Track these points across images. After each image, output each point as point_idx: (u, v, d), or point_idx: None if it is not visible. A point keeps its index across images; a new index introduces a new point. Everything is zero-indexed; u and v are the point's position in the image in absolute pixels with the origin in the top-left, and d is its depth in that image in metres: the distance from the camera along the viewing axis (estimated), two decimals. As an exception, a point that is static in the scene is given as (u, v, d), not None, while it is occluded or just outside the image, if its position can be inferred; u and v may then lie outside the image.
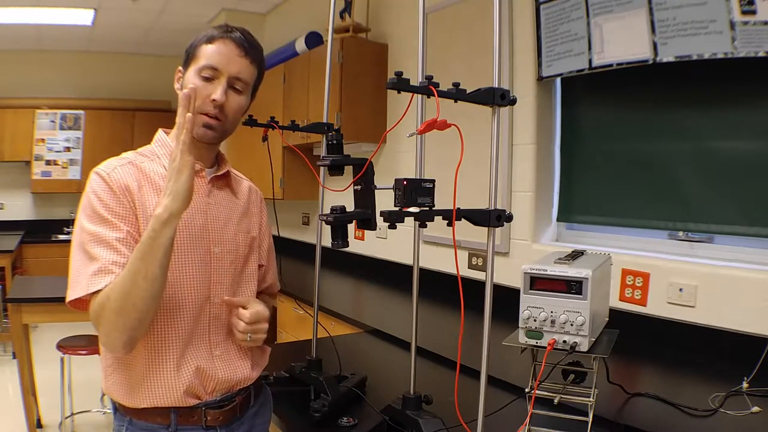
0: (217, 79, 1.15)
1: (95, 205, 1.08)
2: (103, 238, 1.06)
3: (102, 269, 1.03)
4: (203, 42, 1.17)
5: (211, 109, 1.15)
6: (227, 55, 1.16)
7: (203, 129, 1.16)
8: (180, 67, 1.21)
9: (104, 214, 1.07)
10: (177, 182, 1.02)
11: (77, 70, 6.34)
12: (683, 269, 1.96)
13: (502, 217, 0.98)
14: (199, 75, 1.15)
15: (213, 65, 1.15)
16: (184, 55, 1.20)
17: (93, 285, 1.03)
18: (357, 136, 3.35)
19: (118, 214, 1.08)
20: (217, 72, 1.15)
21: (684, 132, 2.08)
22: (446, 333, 2.23)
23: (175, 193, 1.02)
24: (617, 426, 1.34)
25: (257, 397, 1.31)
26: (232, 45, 1.16)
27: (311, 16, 4.16)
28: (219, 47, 1.15)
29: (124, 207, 1.09)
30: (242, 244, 1.27)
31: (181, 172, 1.02)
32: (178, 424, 1.14)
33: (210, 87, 1.15)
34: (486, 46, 2.58)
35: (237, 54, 1.17)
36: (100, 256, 1.04)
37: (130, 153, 1.20)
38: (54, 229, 6.28)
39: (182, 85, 1.17)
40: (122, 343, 1.03)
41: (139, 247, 1.02)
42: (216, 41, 1.16)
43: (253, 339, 1.18)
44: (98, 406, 3.55)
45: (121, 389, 1.13)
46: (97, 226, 1.07)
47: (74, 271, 1.07)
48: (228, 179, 1.28)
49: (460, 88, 0.95)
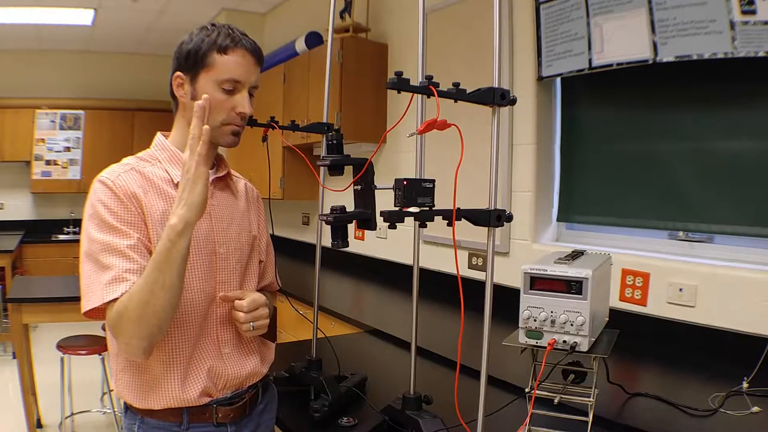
0: (239, 91, 1.16)
1: (102, 214, 1.07)
2: (114, 246, 1.05)
3: (116, 278, 1.03)
4: (214, 50, 1.13)
5: (239, 121, 1.18)
6: (247, 67, 1.16)
7: (232, 137, 1.19)
8: (179, 72, 1.17)
9: (113, 222, 1.06)
10: (192, 193, 1.02)
11: (77, 70, 6.34)
12: (683, 269, 1.96)
13: (502, 217, 0.98)
14: (221, 88, 1.14)
15: (236, 78, 1.15)
16: (183, 58, 1.16)
17: (108, 294, 1.02)
18: (357, 136, 3.35)
19: (126, 221, 1.08)
20: (239, 84, 1.16)
21: (684, 132, 2.08)
22: (446, 333, 2.23)
23: (190, 204, 1.02)
24: (617, 426, 1.34)
25: (264, 394, 1.33)
26: (249, 55, 1.16)
27: (311, 16, 4.16)
28: (238, 59, 1.15)
29: (132, 214, 1.09)
30: (246, 243, 1.28)
31: (197, 183, 1.02)
32: (190, 422, 1.15)
33: (233, 99, 1.16)
34: (486, 46, 2.58)
35: (254, 63, 1.18)
36: (112, 264, 1.04)
37: (131, 158, 1.19)
38: (54, 229, 6.28)
39: (194, 95, 1.15)
40: (143, 349, 1.04)
41: (156, 258, 1.02)
42: (232, 52, 1.14)
43: (256, 327, 1.17)
44: (98, 406, 3.55)
45: (133, 391, 1.14)
46: (106, 234, 1.06)
47: (86, 281, 1.06)
48: (228, 180, 1.29)
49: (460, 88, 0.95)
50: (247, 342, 1.25)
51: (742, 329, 1.77)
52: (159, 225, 1.10)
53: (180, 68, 1.17)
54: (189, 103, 1.17)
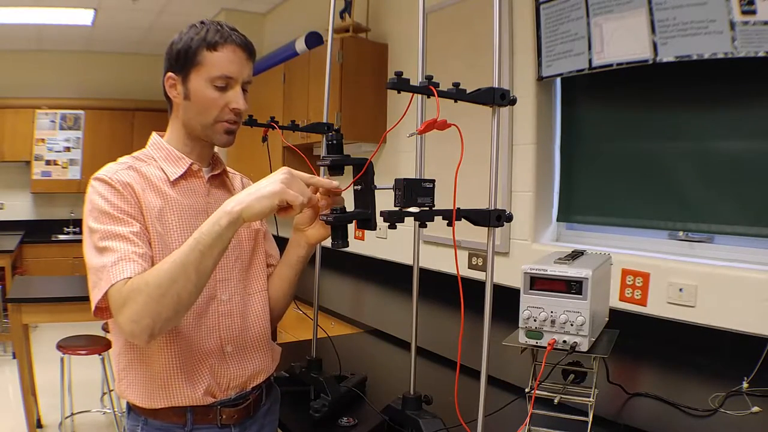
0: (232, 87, 1.15)
1: (102, 206, 1.04)
2: (117, 232, 1.02)
3: (123, 257, 0.99)
4: (204, 47, 1.12)
5: (233, 117, 1.16)
6: (238, 62, 1.15)
7: (226, 136, 1.18)
8: (171, 73, 1.16)
9: (113, 213, 1.04)
10: (260, 191, 0.98)
11: (77, 70, 6.34)
12: (683, 269, 1.96)
13: (502, 217, 0.98)
14: (213, 85, 1.13)
15: (228, 75, 1.13)
16: (174, 58, 1.15)
17: (117, 274, 0.97)
18: (357, 136, 3.35)
19: (126, 212, 1.06)
20: (231, 80, 1.14)
21: (684, 132, 2.08)
22: (446, 333, 2.23)
23: (258, 197, 0.97)
24: (617, 426, 1.34)
25: (269, 395, 1.32)
26: (240, 50, 1.15)
27: (311, 16, 4.16)
28: (229, 55, 1.13)
29: (131, 205, 1.07)
30: (245, 239, 1.27)
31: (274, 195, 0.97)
32: (194, 423, 1.14)
33: (226, 96, 1.15)
34: (486, 46, 2.58)
35: (245, 58, 1.16)
36: (117, 247, 1.00)
37: (127, 158, 1.19)
38: (54, 229, 6.28)
39: (187, 94, 1.15)
40: (150, 330, 0.96)
41: (199, 237, 0.97)
42: (222, 47, 1.13)
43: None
44: (98, 406, 3.55)
45: (136, 391, 1.13)
46: (107, 225, 1.03)
47: (93, 271, 1.01)
48: (224, 177, 1.29)
49: (460, 88, 0.94)
50: (251, 341, 1.24)
51: (742, 329, 1.77)
52: (157, 222, 1.10)
53: (171, 69, 1.16)
54: (182, 104, 1.17)
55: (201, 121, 1.16)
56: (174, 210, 1.15)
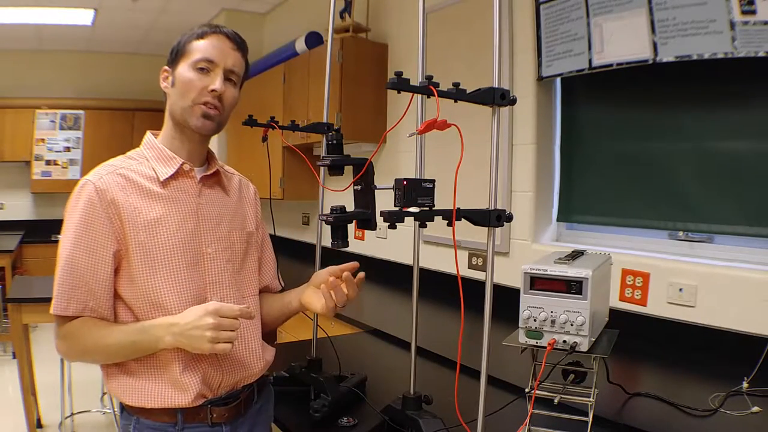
0: (213, 71, 1.17)
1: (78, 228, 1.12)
2: (82, 271, 1.11)
3: (74, 299, 1.11)
4: (193, 39, 1.18)
5: (211, 98, 1.16)
6: (222, 48, 1.18)
7: (202, 120, 1.17)
8: (166, 67, 1.22)
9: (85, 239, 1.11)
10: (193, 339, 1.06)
11: (77, 70, 6.34)
12: (683, 269, 1.96)
13: (502, 217, 0.98)
14: (194, 68, 1.16)
15: (209, 58, 1.16)
16: (169, 55, 1.21)
17: (59, 308, 1.12)
18: (357, 136, 3.35)
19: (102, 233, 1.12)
20: (212, 64, 1.17)
21: (684, 132, 2.08)
22: (446, 333, 2.23)
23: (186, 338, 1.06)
24: (617, 426, 1.34)
25: (261, 394, 1.31)
26: (225, 39, 1.19)
27: (311, 16, 4.16)
28: (212, 41, 1.18)
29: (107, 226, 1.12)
30: (238, 241, 1.26)
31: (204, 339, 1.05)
32: (185, 422, 1.15)
33: (206, 79, 1.17)
34: (486, 46, 2.58)
35: (230, 47, 1.19)
36: (76, 287, 1.11)
37: (119, 158, 1.20)
38: (54, 229, 6.26)
39: (174, 81, 1.19)
40: (76, 361, 1.18)
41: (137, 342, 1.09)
42: (208, 36, 1.18)
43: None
44: (98, 406, 3.54)
45: (126, 391, 1.14)
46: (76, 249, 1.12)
47: (58, 282, 1.13)
48: (218, 177, 1.28)
49: (460, 88, 0.95)
50: (244, 343, 1.23)
51: (742, 329, 1.77)
52: (142, 228, 1.12)
53: (167, 63, 1.22)
54: (170, 92, 1.20)
55: (181, 104, 1.18)
56: (161, 211, 1.15)
